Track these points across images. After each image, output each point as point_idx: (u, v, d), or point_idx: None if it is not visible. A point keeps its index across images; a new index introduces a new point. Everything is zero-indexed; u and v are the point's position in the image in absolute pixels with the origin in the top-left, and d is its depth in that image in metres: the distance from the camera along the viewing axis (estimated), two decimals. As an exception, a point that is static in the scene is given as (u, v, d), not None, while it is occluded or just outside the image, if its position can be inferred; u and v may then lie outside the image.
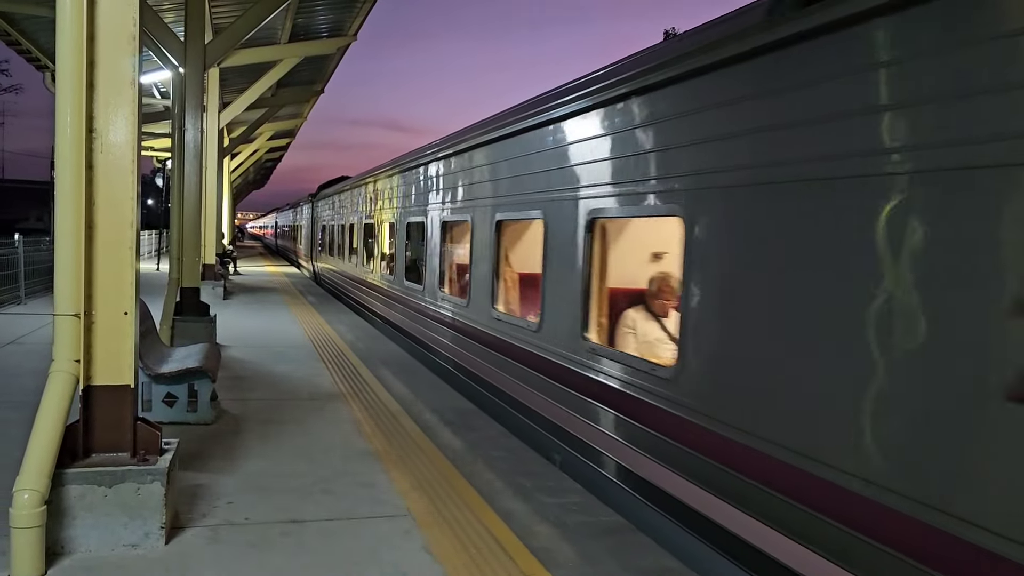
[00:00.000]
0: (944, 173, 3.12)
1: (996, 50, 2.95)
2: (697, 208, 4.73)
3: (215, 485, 5.32)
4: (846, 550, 3.46)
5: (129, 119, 4.31)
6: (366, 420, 7.35)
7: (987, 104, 2.97)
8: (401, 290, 12.87)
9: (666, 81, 5.06)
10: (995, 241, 2.91)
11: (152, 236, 38.47)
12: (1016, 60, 2.87)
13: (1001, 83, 2.91)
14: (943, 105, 3.15)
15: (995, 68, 2.95)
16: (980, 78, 3.00)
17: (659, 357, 5.83)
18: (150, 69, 16.60)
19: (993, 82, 2.95)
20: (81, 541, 4.15)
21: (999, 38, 2.94)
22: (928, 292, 3.18)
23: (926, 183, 3.21)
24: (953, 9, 3.12)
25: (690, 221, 4.78)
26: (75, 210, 4.16)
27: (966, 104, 3.05)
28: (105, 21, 4.22)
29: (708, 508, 4.47)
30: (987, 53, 2.98)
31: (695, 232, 4.74)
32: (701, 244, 4.70)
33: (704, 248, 4.68)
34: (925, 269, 3.20)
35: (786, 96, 4.01)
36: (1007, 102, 2.89)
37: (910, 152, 3.28)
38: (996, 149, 2.91)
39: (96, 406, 4.33)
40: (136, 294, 4.44)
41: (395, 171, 13.53)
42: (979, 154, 2.98)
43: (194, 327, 10.52)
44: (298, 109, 32.81)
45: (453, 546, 4.50)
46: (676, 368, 4.88)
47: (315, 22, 20.49)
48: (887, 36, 3.42)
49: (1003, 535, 2.79)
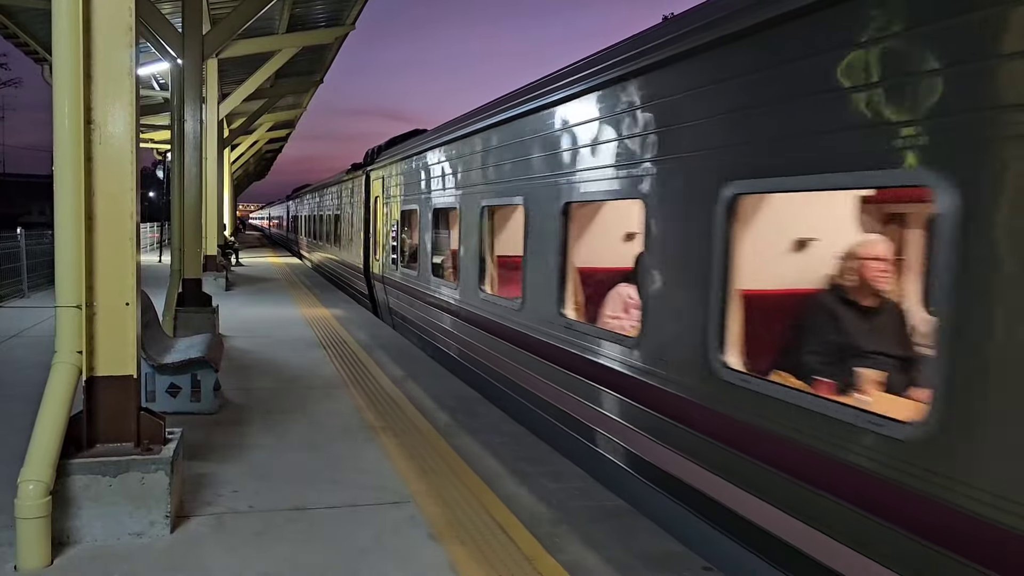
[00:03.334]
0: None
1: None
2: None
3: (219, 474, 5.35)
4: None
5: (127, 110, 4.31)
6: (368, 407, 7.38)
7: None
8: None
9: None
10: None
11: (154, 228, 38.53)
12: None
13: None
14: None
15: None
16: None
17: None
18: (149, 61, 16.59)
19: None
20: (86, 531, 4.19)
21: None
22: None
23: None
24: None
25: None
26: (75, 202, 4.16)
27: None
28: (101, 11, 4.22)
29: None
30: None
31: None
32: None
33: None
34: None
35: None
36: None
37: None
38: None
39: (99, 397, 4.35)
40: (137, 285, 4.45)
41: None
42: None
43: (197, 318, 10.56)
44: (297, 99, 32.79)
45: (457, 532, 4.52)
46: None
47: (313, 12, 20.42)
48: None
49: None
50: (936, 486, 2.97)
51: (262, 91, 24.99)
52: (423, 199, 11.29)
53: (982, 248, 2.84)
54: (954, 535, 2.90)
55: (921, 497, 3.03)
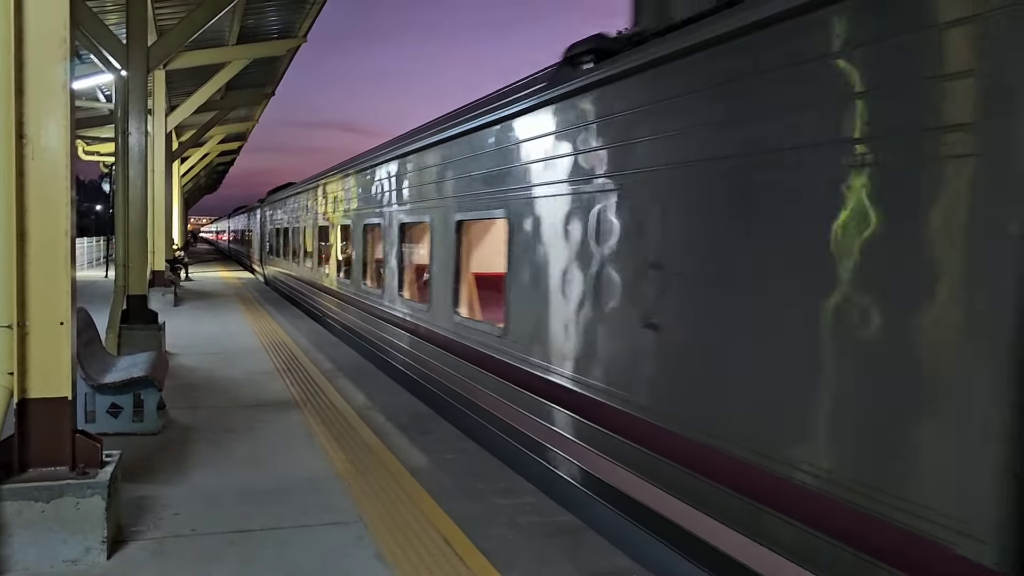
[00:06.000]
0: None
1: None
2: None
3: (161, 497, 5.21)
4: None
5: (62, 124, 4.19)
6: (318, 425, 7.27)
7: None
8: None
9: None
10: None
11: (100, 243, 37.57)
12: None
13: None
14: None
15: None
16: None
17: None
18: (93, 72, 16.20)
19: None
20: (18, 559, 4.03)
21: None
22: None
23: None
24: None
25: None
26: (5, 218, 4.04)
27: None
28: (33, 23, 4.10)
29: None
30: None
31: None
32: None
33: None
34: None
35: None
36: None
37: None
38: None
39: (32, 419, 4.21)
40: (73, 303, 4.32)
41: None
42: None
43: (141, 335, 10.29)
44: (249, 112, 32.37)
45: (405, 551, 4.46)
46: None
47: (264, 24, 20.22)
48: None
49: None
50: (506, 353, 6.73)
51: (212, 103, 24.61)
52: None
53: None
54: (508, 370, 6.64)
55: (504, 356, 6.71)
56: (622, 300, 4.93)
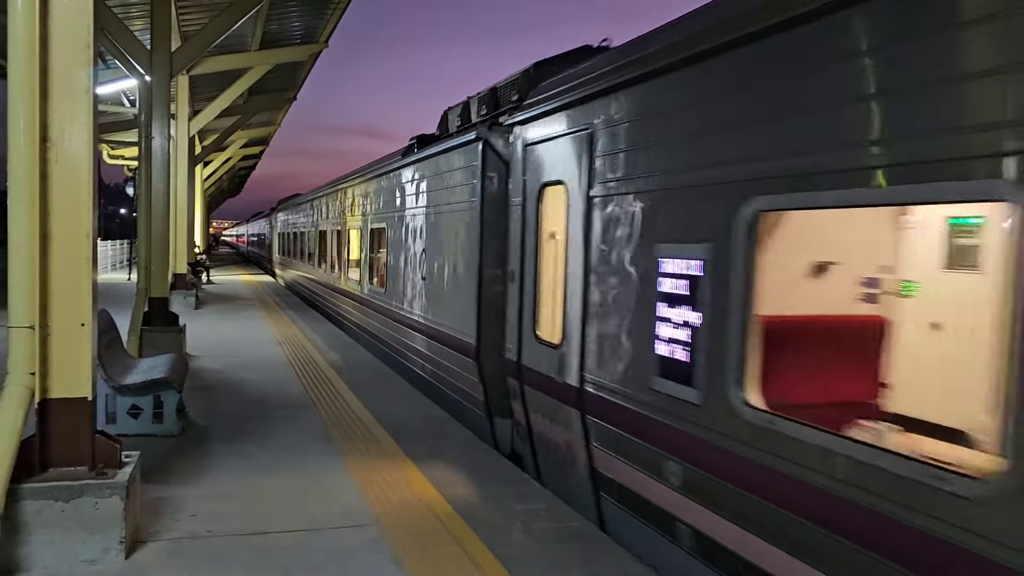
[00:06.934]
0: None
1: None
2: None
3: (179, 498, 5.25)
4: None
5: (85, 128, 4.24)
6: (334, 427, 7.29)
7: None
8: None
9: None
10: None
11: (124, 246, 37.99)
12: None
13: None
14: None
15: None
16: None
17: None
18: (118, 77, 16.41)
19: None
20: (37, 558, 4.07)
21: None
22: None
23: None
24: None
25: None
26: (29, 221, 4.09)
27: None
28: (59, 29, 4.16)
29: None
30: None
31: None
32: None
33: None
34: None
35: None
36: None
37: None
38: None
39: (53, 419, 4.26)
40: (94, 305, 4.37)
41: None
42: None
43: (162, 337, 10.40)
44: (271, 116, 32.60)
45: (420, 555, 4.47)
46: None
47: (286, 29, 20.37)
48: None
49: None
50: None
51: (235, 108, 24.81)
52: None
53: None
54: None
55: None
56: (416, 267, 9.88)
